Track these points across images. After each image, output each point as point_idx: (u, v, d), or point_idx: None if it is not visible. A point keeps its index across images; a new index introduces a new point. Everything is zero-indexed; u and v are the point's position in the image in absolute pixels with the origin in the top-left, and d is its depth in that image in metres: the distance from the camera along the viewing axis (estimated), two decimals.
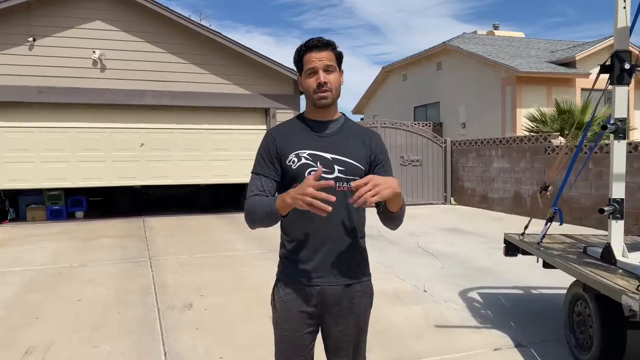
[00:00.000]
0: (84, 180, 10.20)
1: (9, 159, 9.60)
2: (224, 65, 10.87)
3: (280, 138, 1.97)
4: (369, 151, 1.98)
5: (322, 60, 1.88)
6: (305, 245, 1.91)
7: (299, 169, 1.89)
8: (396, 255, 6.92)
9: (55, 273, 5.86)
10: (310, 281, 1.91)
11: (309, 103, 1.96)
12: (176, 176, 10.74)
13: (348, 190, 1.87)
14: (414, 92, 20.23)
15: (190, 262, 6.40)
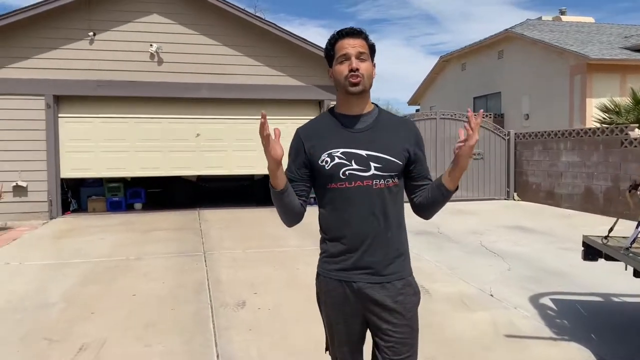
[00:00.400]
0: (142, 170, 10.35)
1: (70, 148, 9.85)
2: (277, 56, 10.72)
3: (310, 138, 1.91)
4: (408, 144, 1.90)
5: (355, 47, 1.83)
6: (343, 242, 1.87)
7: (332, 169, 1.84)
8: (458, 254, 6.54)
9: (112, 266, 5.89)
10: (349, 278, 1.88)
11: (340, 93, 1.89)
12: (231, 166, 10.72)
13: (385, 188, 1.85)
14: (473, 82, 19.45)
15: (243, 257, 6.28)
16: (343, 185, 1.85)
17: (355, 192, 1.84)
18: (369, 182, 1.84)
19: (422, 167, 1.97)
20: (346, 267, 1.88)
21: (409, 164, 1.92)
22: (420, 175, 1.96)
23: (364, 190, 1.83)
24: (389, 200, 1.87)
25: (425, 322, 4.34)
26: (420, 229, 8.13)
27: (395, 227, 1.90)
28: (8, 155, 9.36)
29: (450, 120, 11.92)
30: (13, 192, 9.44)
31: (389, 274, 1.88)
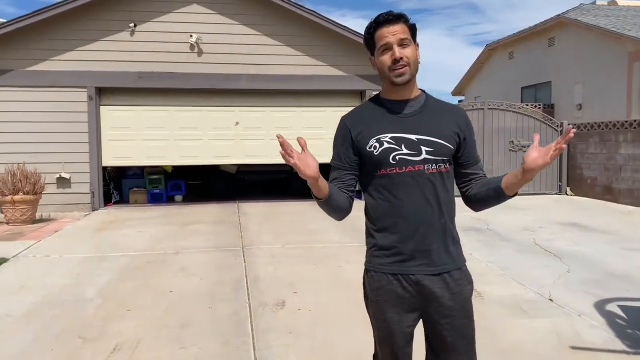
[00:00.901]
0: (182, 158, 10.28)
1: (112, 136, 9.86)
2: (318, 46, 10.42)
3: (356, 125, 1.86)
4: (457, 129, 1.85)
5: (395, 34, 1.75)
6: (396, 232, 1.79)
7: (382, 154, 1.78)
8: (510, 253, 6.11)
9: (150, 260, 5.77)
10: (405, 270, 1.79)
11: (386, 82, 1.83)
12: (269, 155, 10.53)
13: (437, 172, 1.79)
14: (521, 71, 18.62)
15: (283, 253, 6.06)
16: (393, 170, 1.78)
17: (406, 178, 1.78)
18: (420, 167, 1.78)
19: (471, 154, 1.91)
20: (401, 258, 1.79)
21: (458, 150, 1.86)
22: (469, 162, 1.91)
23: (416, 176, 1.77)
24: (441, 186, 1.81)
25: (478, 328, 4.01)
26: (468, 224, 7.71)
27: (447, 214, 1.83)
28: (51, 147, 9.45)
29: (498, 110, 11.35)
30: (57, 183, 9.53)
31: (445, 264, 1.81)
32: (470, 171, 1.91)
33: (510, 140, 11.33)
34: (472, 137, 1.93)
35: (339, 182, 1.88)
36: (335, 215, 1.88)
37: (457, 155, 1.88)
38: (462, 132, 1.87)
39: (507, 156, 11.36)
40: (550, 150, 1.68)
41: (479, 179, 1.92)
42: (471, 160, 1.91)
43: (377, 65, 1.83)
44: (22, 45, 9.31)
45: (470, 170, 1.91)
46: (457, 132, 1.85)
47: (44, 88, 9.42)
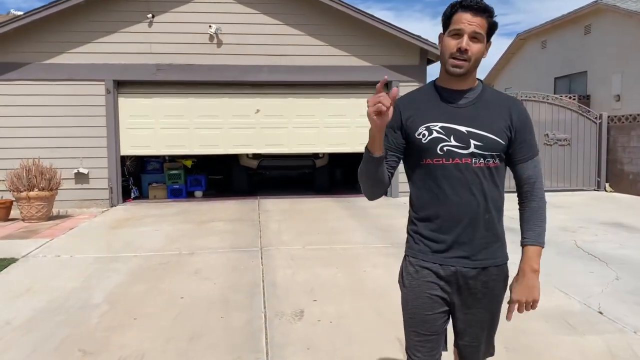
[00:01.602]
0: (201, 147, 9.99)
1: (130, 124, 9.62)
2: (342, 35, 9.98)
3: (409, 108, 1.82)
4: (509, 123, 1.79)
5: (472, 25, 1.70)
6: (438, 223, 1.79)
7: (430, 143, 1.75)
8: (551, 257, 5.61)
9: (163, 261, 5.47)
10: (444, 261, 1.80)
11: (442, 68, 1.79)
12: (291, 144, 10.18)
13: (485, 167, 1.76)
14: (554, 61, 17.81)
15: (302, 255, 5.68)
16: (440, 161, 1.76)
17: (452, 170, 1.75)
18: (467, 160, 1.75)
19: (519, 151, 1.83)
20: (440, 248, 1.79)
21: (512, 146, 1.81)
22: (515, 159, 1.84)
23: (462, 169, 1.75)
24: (489, 180, 1.79)
25: (520, 346, 3.59)
26: None
27: (494, 210, 1.81)
28: (69, 142, 9.27)
29: (532, 102, 10.74)
30: (75, 179, 9.36)
31: (484, 259, 1.80)
32: (517, 170, 1.85)
33: (545, 134, 10.72)
34: (528, 132, 1.83)
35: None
36: (375, 188, 1.82)
37: (508, 152, 1.82)
38: (514, 126, 1.79)
39: (542, 150, 10.72)
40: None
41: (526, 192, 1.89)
42: (517, 157, 1.83)
43: (441, 46, 1.78)
44: (39, 38, 9.13)
45: (517, 169, 1.85)
46: (508, 126, 1.78)
47: (61, 82, 9.23)
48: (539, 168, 1.88)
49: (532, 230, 1.88)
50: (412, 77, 10.04)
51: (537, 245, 1.89)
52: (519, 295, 1.83)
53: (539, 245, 1.88)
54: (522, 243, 1.88)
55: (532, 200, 1.89)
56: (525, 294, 1.82)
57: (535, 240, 1.88)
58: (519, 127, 1.81)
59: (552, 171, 10.72)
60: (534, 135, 1.88)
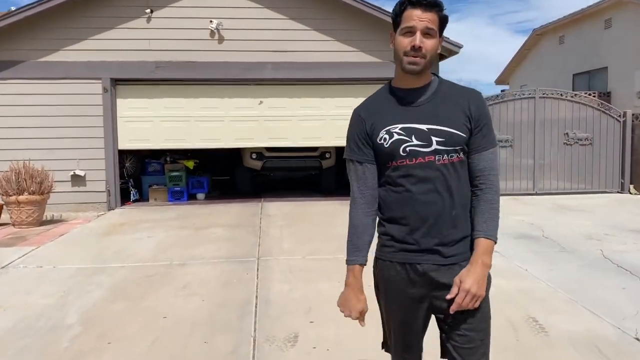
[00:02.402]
0: (203, 141, 9.54)
1: (128, 118, 9.22)
2: (349, 29, 9.49)
3: (369, 115, 1.82)
4: (468, 114, 1.77)
5: (423, 21, 1.68)
6: (404, 223, 1.77)
7: (392, 146, 1.74)
8: (575, 270, 5.09)
9: (151, 273, 5.04)
10: (413, 260, 1.77)
11: (397, 66, 1.77)
12: (296, 138, 9.70)
13: (449, 163, 1.75)
14: (573, 56, 17.16)
15: (302, 267, 5.22)
16: (404, 162, 1.75)
17: (416, 169, 1.74)
18: (431, 158, 1.75)
19: (475, 142, 1.79)
20: (409, 249, 1.78)
21: (472, 136, 1.78)
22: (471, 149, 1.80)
23: (426, 167, 1.74)
24: (453, 176, 1.76)
25: None
26: (519, 231, 6.70)
27: (460, 206, 1.78)
28: (65, 142, 8.90)
29: (552, 99, 10.15)
30: (71, 181, 8.99)
31: (454, 255, 1.77)
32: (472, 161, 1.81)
33: (565, 133, 10.13)
34: (486, 122, 1.81)
35: (363, 186, 1.84)
36: None
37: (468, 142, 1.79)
38: (473, 117, 1.77)
39: (562, 150, 10.16)
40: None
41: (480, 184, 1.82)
42: (473, 147, 1.79)
43: (394, 46, 1.77)
44: (33, 35, 8.77)
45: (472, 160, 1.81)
46: (468, 117, 1.77)
47: (57, 80, 8.86)
48: (494, 161, 1.83)
49: (485, 223, 1.80)
50: None
51: (490, 239, 1.79)
52: (469, 285, 1.71)
53: (492, 240, 1.79)
54: (475, 235, 1.80)
55: (487, 192, 1.82)
56: (475, 286, 1.71)
57: (488, 233, 1.79)
58: (477, 118, 1.78)
59: (572, 172, 10.13)
60: (491, 127, 1.83)
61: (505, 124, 10.08)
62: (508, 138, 10.06)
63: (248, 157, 10.22)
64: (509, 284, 4.60)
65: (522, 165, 10.13)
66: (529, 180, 10.15)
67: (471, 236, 1.81)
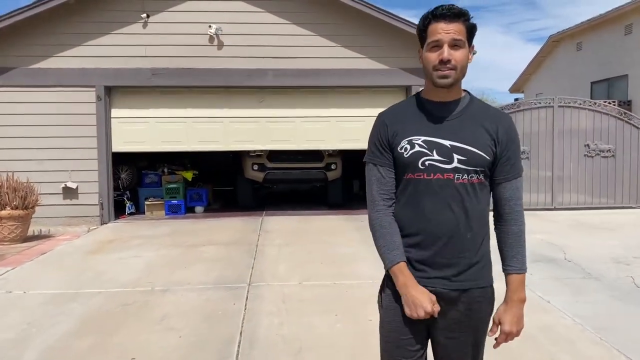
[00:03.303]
0: (201, 143, 9.05)
1: (123, 119, 8.78)
2: (356, 35, 9.00)
3: (393, 122, 1.77)
4: (495, 138, 1.71)
5: (449, 33, 1.64)
6: (417, 240, 1.71)
7: (411, 157, 1.70)
8: (604, 301, 4.50)
9: (129, 301, 4.54)
10: (422, 281, 1.70)
11: (427, 81, 1.74)
12: (298, 140, 9.18)
13: (468, 183, 1.69)
14: (591, 64, 16.51)
15: (297, 295, 4.69)
16: (421, 176, 1.70)
17: (433, 185, 1.69)
18: (449, 176, 1.68)
19: (502, 169, 1.74)
20: (418, 268, 1.71)
21: (496, 162, 1.72)
22: (497, 177, 1.75)
23: (444, 184, 1.68)
24: (472, 197, 1.70)
25: None
26: (538, 252, 6.11)
27: (477, 229, 1.72)
28: (56, 153, 8.49)
29: (571, 108, 9.55)
30: (62, 194, 8.57)
31: (465, 280, 1.70)
32: (497, 189, 1.77)
33: (586, 144, 9.52)
34: (514, 149, 1.74)
35: (382, 188, 1.77)
36: None
37: (493, 167, 1.74)
38: (500, 142, 1.71)
39: (582, 162, 9.54)
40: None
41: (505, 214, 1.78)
42: (500, 175, 1.74)
43: (423, 62, 1.72)
44: (24, 41, 8.40)
45: (498, 189, 1.76)
46: (494, 141, 1.71)
47: (48, 88, 8.47)
48: (520, 189, 1.79)
49: (515, 257, 1.76)
50: None
51: (523, 273, 1.75)
52: (510, 327, 1.71)
53: (524, 273, 1.75)
54: (506, 271, 1.77)
55: (513, 224, 1.78)
56: (515, 326, 1.72)
57: (520, 268, 1.75)
58: (504, 143, 1.72)
59: (593, 186, 9.51)
60: (519, 155, 1.78)
61: (522, 134, 9.49)
62: (525, 149, 9.47)
63: (249, 168, 9.74)
64: (529, 319, 4.00)
65: (539, 178, 9.53)
66: (547, 194, 9.53)
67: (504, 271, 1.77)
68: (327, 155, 9.80)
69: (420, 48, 1.74)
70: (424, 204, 1.69)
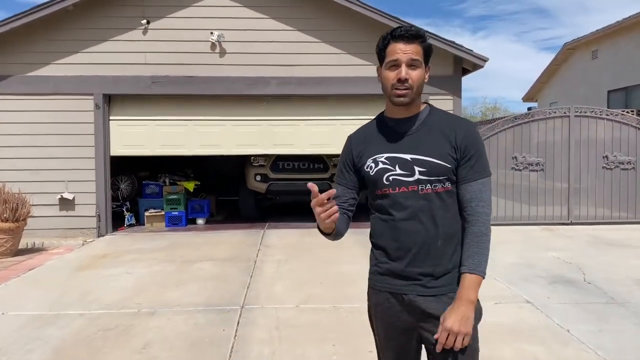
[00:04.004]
0: (202, 148, 8.73)
1: (121, 122, 8.51)
2: (363, 42, 8.66)
3: (359, 143, 1.89)
4: (454, 145, 1.76)
5: (407, 53, 1.73)
6: (389, 251, 1.79)
7: (376, 174, 1.80)
8: (631, 332, 4.08)
9: (111, 326, 4.21)
10: (398, 290, 1.78)
11: (387, 99, 1.83)
12: (302, 144, 8.83)
13: (433, 193, 1.75)
14: (607, 72, 16.01)
15: (293, 321, 4.32)
16: (387, 191, 1.79)
17: (400, 198, 1.77)
18: (414, 187, 1.76)
19: (463, 173, 1.77)
20: (394, 277, 1.79)
21: (459, 167, 1.76)
22: (460, 179, 1.78)
23: (409, 196, 1.76)
24: (439, 206, 1.76)
25: None
26: (555, 273, 5.70)
27: (447, 237, 1.76)
28: (53, 163, 8.24)
29: (588, 117, 9.11)
30: (59, 205, 8.31)
31: (440, 286, 1.75)
32: (459, 191, 1.78)
33: (604, 155, 9.07)
34: (475, 151, 1.77)
35: (340, 202, 1.84)
36: (335, 239, 1.89)
37: (457, 172, 1.78)
38: (458, 147, 1.76)
39: (600, 175, 9.09)
40: None
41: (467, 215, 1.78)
42: (460, 177, 1.77)
43: (381, 79, 1.81)
44: (21, 48, 8.19)
45: (459, 190, 1.78)
46: (453, 148, 1.76)
47: (45, 96, 8.24)
48: (484, 192, 1.77)
49: (471, 257, 1.74)
50: (445, 89, 8.63)
51: (476, 274, 1.71)
52: (452, 324, 1.66)
53: (479, 275, 1.71)
54: (460, 270, 1.75)
55: (473, 224, 1.77)
56: (458, 324, 1.66)
57: (474, 268, 1.72)
58: (463, 148, 1.76)
59: (612, 200, 9.05)
60: (482, 156, 1.78)
61: (536, 145, 9.09)
62: (539, 161, 9.05)
63: (252, 179, 9.43)
64: (546, 352, 3.63)
65: (554, 190, 9.09)
66: (563, 207, 9.09)
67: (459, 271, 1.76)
68: (332, 166, 9.46)
69: (378, 66, 1.82)
70: (394, 216, 1.76)
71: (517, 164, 9.08)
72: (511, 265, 6.10)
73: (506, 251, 6.91)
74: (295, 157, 9.33)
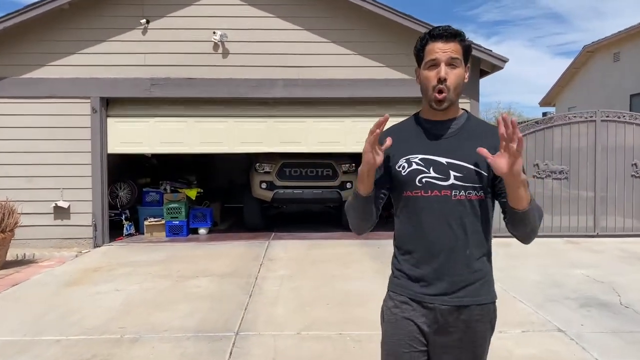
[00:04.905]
0: (203, 145, 8.25)
1: (119, 119, 8.07)
2: (374, 42, 8.20)
3: (392, 142, 1.72)
4: (494, 152, 1.62)
5: (446, 52, 1.69)
6: (416, 257, 1.74)
7: (409, 175, 1.74)
8: None
9: (88, 355, 3.74)
10: (422, 298, 1.72)
11: (425, 101, 1.77)
12: (310, 142, 8.31)
13: (466, 200, 1.69)
14: (630, 75, 15.34)
15: (292, 351, 3.82)
16: (419, 193, 1.72)
17: (431, 202, 1.71)
18: (447, 192, 1.70)
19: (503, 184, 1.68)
20: (418, 284, 1.72)
21: (496, 177, 1.68)
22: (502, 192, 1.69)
23: (441, 201, 1.70)
24: (470, 214, 1.70)
25: None
26: (586, 294, 5.14)
27: (476, 246, 1.70)
28: (47, 170, 7.84)
29: (616, 122, 8.51)
30: (54, 213, 7.90)
31: (464, 297, 1.69)
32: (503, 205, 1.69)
33: (633, 163, 8.46)
34: None
35: None
36: (363, 224, 1.79)
37: (494, 184, 1.71)
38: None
39: (629, 183, 8.48)
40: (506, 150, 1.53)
41: None
42: (502, 190, 1.68)
43: (420, 80, 1.76)
44: (15, 49, 7.82)
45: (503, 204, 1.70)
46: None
47: (40, 99, 7.85)
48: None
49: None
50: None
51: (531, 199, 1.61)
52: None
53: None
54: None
55: None
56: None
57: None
58: None
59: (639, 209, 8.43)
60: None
61: (559, 151, 8.51)
62: (563, 169, 8.47)
63: (257, 187, 8.95)
64: None
65: (579, 199, 8.50)
66: (589, 218, 8.49)
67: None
68: (342, 173, 8.96)
69: (417, 68, 1.77)
70: (422, 221, 1.71)
71: (539, 172, 8.51)
72: (536, 284, 5.54)
73: (529, 266, 6.35)
74: (303, 164, 8.85)
